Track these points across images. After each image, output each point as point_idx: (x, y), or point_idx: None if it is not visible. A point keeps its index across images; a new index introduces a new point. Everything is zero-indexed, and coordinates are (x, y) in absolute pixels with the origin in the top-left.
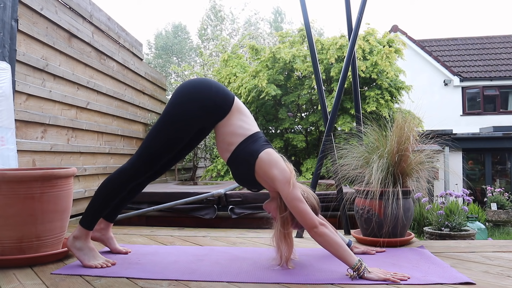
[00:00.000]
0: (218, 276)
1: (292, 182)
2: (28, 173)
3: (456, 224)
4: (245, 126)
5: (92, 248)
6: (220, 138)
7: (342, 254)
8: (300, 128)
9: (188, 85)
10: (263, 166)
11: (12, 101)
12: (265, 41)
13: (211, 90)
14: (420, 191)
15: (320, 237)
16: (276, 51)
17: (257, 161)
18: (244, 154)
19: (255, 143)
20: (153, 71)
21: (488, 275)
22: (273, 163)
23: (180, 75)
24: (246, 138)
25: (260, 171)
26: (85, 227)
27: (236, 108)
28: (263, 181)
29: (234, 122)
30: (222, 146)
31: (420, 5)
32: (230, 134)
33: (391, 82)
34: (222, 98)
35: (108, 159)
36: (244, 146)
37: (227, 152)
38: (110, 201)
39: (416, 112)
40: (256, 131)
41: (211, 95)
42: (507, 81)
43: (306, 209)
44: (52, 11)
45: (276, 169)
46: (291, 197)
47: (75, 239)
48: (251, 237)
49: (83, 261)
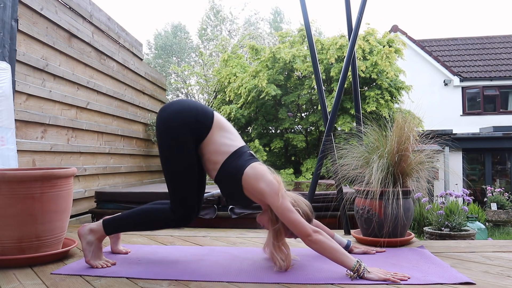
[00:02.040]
0: (218, 276)
1: (281, 194)
2: (28, 173)
3: (456, 224)
4: (228, 142)
5: (100, 248)
6: (206, 157)
7: (339, 258)
8: (300, 128)
9: (166, 111)
10: (249, 181)
11: (12, 101)
12: (265, 41)
13: (190, 109)
14: (420, 191)
15: (315, 244)
16: (276, 51)
17: (243, 177)
18: (230, 172)
19: (240, 158)
20: (153, 71)
21: (488, 275)
22: (259, 177)
23: (180, 75)
24: (230, 155)
25: (247, 186)
26: (106, 230)
27: (217, 124)
28: (252, 196)
29: (217, 139)
30: (208, 165)
31: (420, 5)
32: (214, 152)
33: (391, 82)
34: (202, 115)
35: (108, 159)
36: (229, 163)
37: (214, 171)
38: (143, 229)
39: (416, 112)
40: (240, 146)
41: (191, 114)
42: (507, 81)
43: (297, 219)
44: (52, 11)
45: (263, 183)
46: (281, 208)
47: (90, 232)
48: (251, 237)
49: (86, 257)
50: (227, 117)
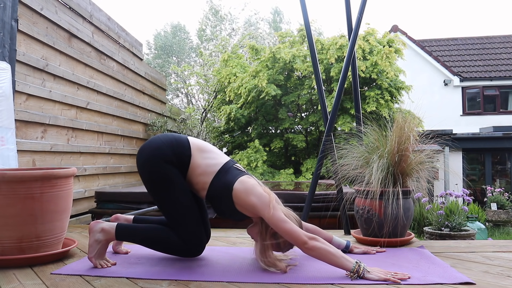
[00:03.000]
0: (218, 276)
1: (272, 205)
2: (28, 173)
3: (456, 224)
4: (212, 162)
5: (105, 248)
6: (195, 181)
7: (337, 262)
8: (300, 128)
9: (142, 154)
10: (240, 196)
11: (12, 101)
12: (265, 41)
13: (164, 145)
14: (420, 191)
15: (312, 251)
16: (276, 51)
17: (233, 193)
18: (220, 189)
19: (227, 174)
20: (153, 71)
21: (488, 275)
22: (249, 191)
23: (180, 75)
24: (217, 173)
25: (238, 201)
26: (117, 236)
27: (195, 148)
28: (245, 210)
29: (200, 162)
30: (197, 186)
31: (420, 5)
32: (201, 175)
33: (391, 82)
34: (178, 146)
35: (108, 159)
36: (217, 181)
37: (203, 191)
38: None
39: (416, 112)
40: (225, 162)
41: (167, 151)
42: (507, 81)
43: (292, 228)
44: (52, 11)
45: (253, 196)
46: (274, 220)
47: (101, 231)
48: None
49: (90, 253)
50: (227, 117)
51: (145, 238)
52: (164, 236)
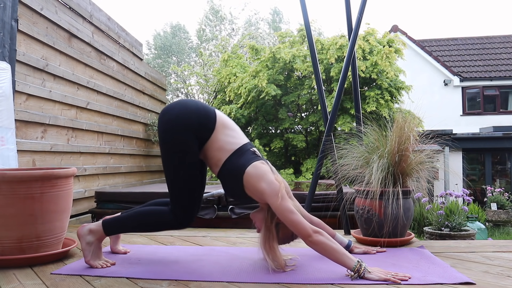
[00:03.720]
0: (218, 276)
1: (281, 194)
2: (28, 173)
3: (456, 224)
4: (231, 140)
5: (99, 248)
6: (210, 154)
7: (340, 259)
8: (300, 128)
9: (167, 114)
10: (250, 180)
11: (12, 101)
12: (265, 41)
13: (192, 111)
14: (420, 191)
15: (315, 245)
16: (276, 51)
17: (244, 176)
18: (232, 169)
19: (242, 156)
20: (153, 71)
21: (488, 275)
22: (260, 176)
23: (180, 75)
24: (233, 152)
25: (248, 185)
26: (105, 231)
27: (220, 123)
28: (253, 194)
29: (220, 138)
30: (211, 161)
31: (420, 5)
32: (218, 149)
33: (391, 82)
34: (205, 116)
35: (108, 159)
36: (232, 161)
37: (216, 167)
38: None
39: (416, 112)
40: (243, 144)
41: (193, 117)
42: (507, 81)
43: (298, 219)
44: (52, 11)
45: (264, 183)
46: (281, 209)
47: (89, 233)
48: (251, 237)
49: (86, 257)
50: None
51: (136, 224)
52: (153, 216)
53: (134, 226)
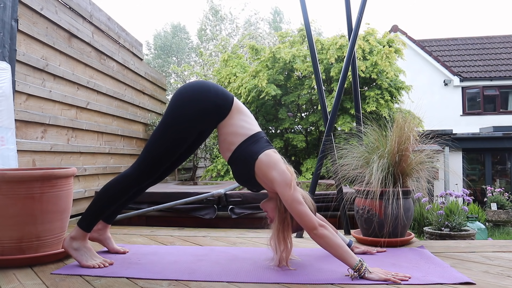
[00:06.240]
0: (218, 276)
1: (292, 185)
2: (28, 173)
3: (456, 224)
4: (246, 126)
5: (89, 248)
6: (222, 138)
7: (342, 255)
8: (300, 128)
9: (186, 88)
10: (262, 167)
11: (12, 101)
12: (265, 41)
13: (210, 92)
14: (420, 191)
15: (320, 238)
16: (276, 51)
17: (256, 163)
18: (244, 155)
19: (256, 144)
20: (153, 71)
21: (488, 275)
22: (272, 165)
23: (180, 75)
24: (247, 138)
25: (259, 173)
26: (83, 228)
27: (236, 108)
28: (262, 182)
29: (235, 122)
30: (223, 145)
31: (420, 5)
32: (232, 134)
33: (391, 82)
34: (222, 99)
35: (108, 159)
36: (245, 146)
37: (228, 152)
38: (110, 205)
39: (416, 112)
40: (257, 131)
41: (210, 97)
42: (507, 81)
43: (305, 211)
44: (52, 11)
45: (275, 171)
46: (290, 199)
47: (72, 240)
48: (251, 237)
49: (80, 262)
50: None
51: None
52: (112, 186)
53: (101, 206)
